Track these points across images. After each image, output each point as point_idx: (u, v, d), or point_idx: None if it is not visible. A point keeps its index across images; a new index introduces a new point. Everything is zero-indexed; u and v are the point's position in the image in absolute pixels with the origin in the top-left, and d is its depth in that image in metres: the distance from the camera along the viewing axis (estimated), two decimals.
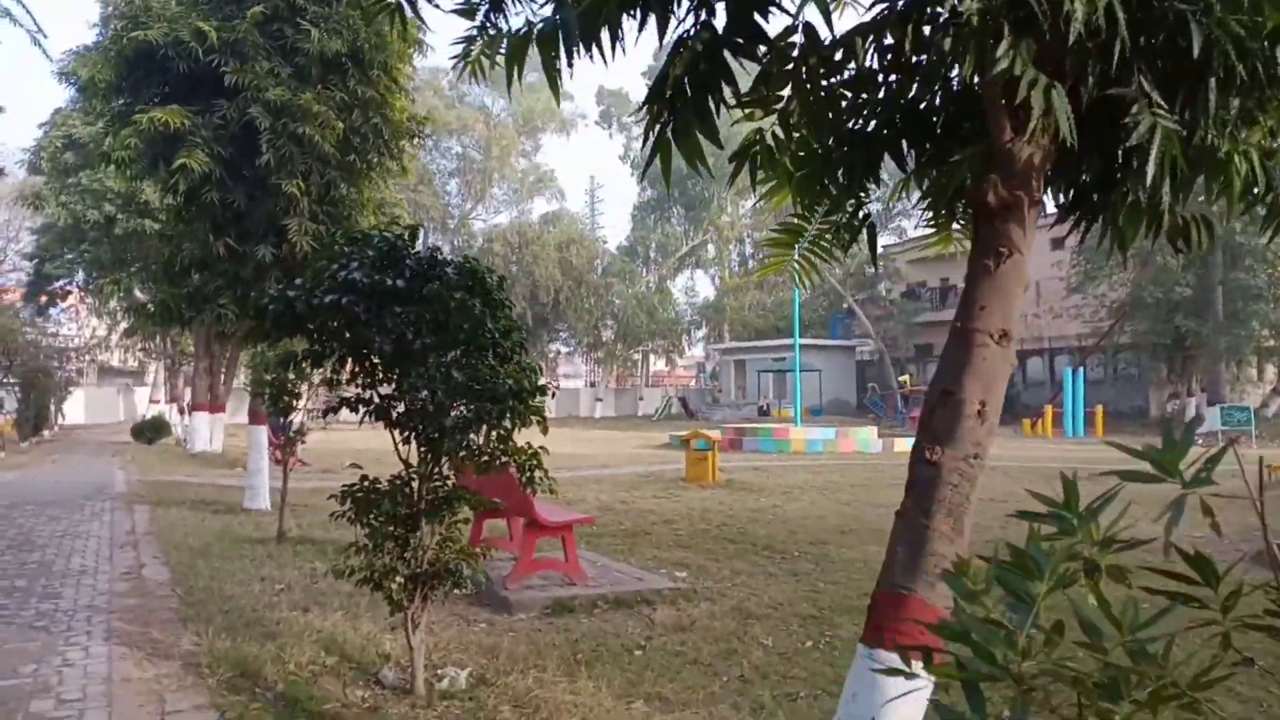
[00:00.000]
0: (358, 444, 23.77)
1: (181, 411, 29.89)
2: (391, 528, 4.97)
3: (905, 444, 27.22)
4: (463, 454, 4.72)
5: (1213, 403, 32.67)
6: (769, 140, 3.34)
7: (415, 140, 12.47)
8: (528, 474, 5.06)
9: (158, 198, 20.35)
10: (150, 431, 28.27)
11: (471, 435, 4.79)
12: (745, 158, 3.40)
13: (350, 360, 5.01)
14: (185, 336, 30.30)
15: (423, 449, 4.94)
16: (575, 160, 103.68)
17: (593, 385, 61.04)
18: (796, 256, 4.52)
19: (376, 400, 4.99)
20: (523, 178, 54.82)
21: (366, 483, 5.07)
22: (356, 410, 5.21)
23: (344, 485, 5.06)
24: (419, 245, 5.30)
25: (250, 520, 11.32)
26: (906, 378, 42.08)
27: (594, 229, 57.71)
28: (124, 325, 42.41)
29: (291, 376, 7.09)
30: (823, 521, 12.00)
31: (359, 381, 5.01)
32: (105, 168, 12.60)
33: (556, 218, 54.26)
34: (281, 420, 21.49)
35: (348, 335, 4.87)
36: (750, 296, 56.80)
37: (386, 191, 13.31)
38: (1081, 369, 33.21)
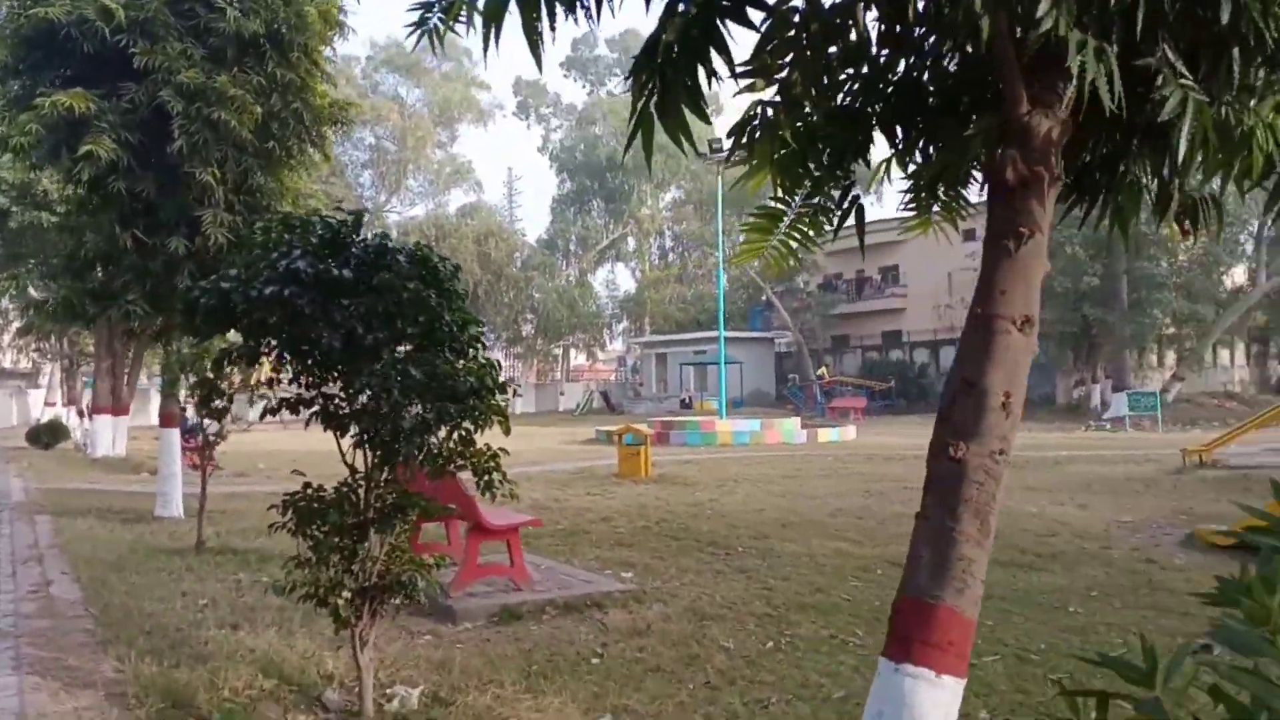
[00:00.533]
0: (271, 446, 22.86)
1: (81, 414, 28.37)
2: (338, 539, 4.60)
3: (829, 434, 27.52)
4: (420, 457, 4.37)
5: (1118, 389, 33.87)
6: (769, 113, 3.09)
7: (338, 126, 11.90)
8: (485, 477, 4.73)
9: (58, 188, 19.19)
10: (47, 436, 26.76)
11: (430, 437, 4.45)
12: (743, 132, 3.15)
13: (291, 358, 4.61)
14: (84, 336, 28.79)
15: (375, 453, 4.58)
16: (493, 152, 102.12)
17: (511, 380, 60.24)
18: (774, 242, 4.29)
19: (320, 401, 4.61)
20: (439, 169, 53.75)
21: (310, 491, 4.69)
22: (298, 412, 4.81)
23: (286, 494, 4.66)
24: (363, 233, 4.92)
25: (164, 529, 10.66)
26: (824, 369, 42.63)
27: (513, 221, 57.07)
28: (16, 325, 40.23)
29: (226, 375, 6.55)
30: (762, 515, 11.89)
31: (300, 381, 4.61)
32: (0, 155, 11.69)
33: (474, 210, 53.42)
34: (190, 422, 20.57)
35: (288, 331, 4.47)
36: (671, 290, 56.89)
37: (303, 182, 12.67)
38: None
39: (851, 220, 3.63)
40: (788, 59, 2.97)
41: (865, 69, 3.23)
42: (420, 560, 4.85)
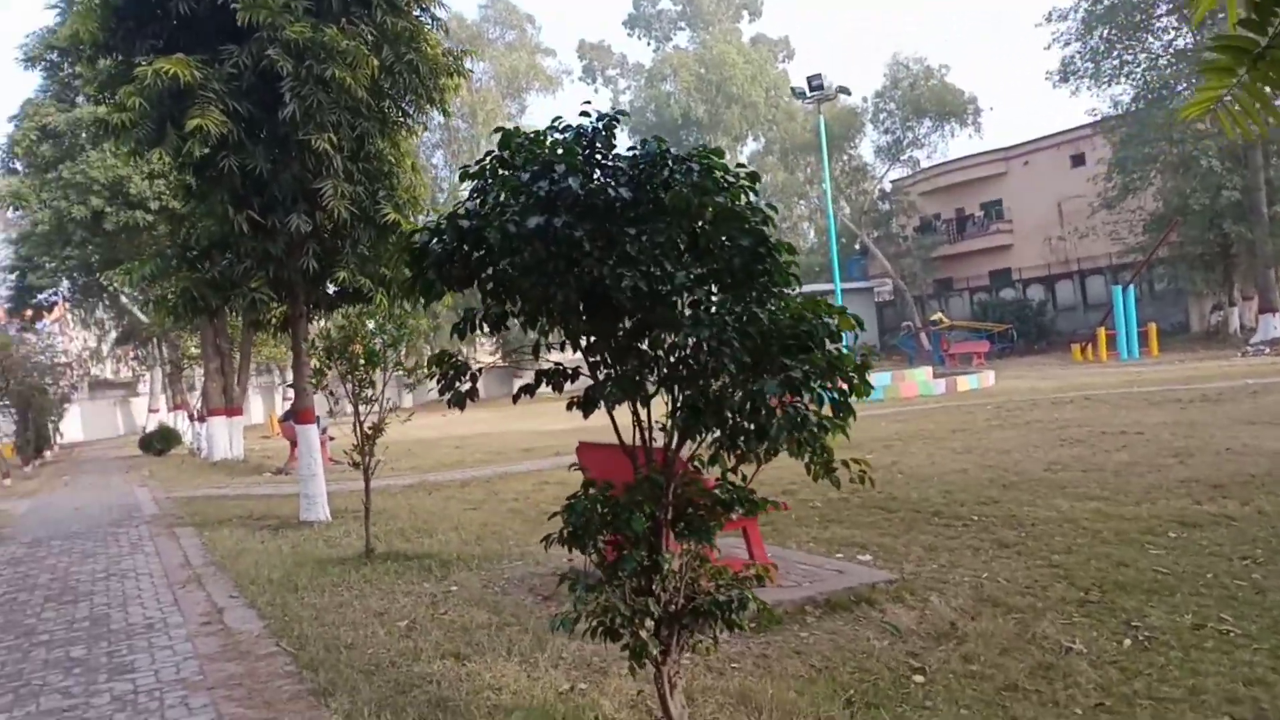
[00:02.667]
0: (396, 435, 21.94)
1: (191, 418, 28.13)
2: (642, 552, 3.41)
3: (968, 382, 25.73)
4: (778, 434, 3.13)
5: (1265, 310, 31.23)
6: None
7: (456, 78, 10.70)
8: (821, 461, 3.47)
9: (151, 184, 18.53)
10: (159, 442, 26.58)
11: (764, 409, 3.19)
12: None
13: (558, 314, 3.40)
14: (185, 339, 28.51)
15: (676, 432, 3.36)
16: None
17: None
18: (1231, 93, 2.87)
19: (608, 369, 3.39)
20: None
21: (593, 491, 3.50)
22: (561, 389, 3.61)
23: (569, 498, 3.48)
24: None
25: (317, 536, 9.73)
26: (940, 314, 40.51)
27: None
28: (114, 335, 40.52)
29: (463, 349, 5.43)
30: (966, 476, 10.48)
31: (582, 343, 3.41)
32: (98, 144, 10.80)
33: None
34: (322, 422, 19.89)
35: (559, 277, 3.24)
36: None
37: (415, 148, 11.57)
38: (1132, 287, 31.59)
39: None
40: None
41: None
42: (735, 575, 3.63)
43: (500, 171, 3.53)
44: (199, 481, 17.32)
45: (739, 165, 3.56)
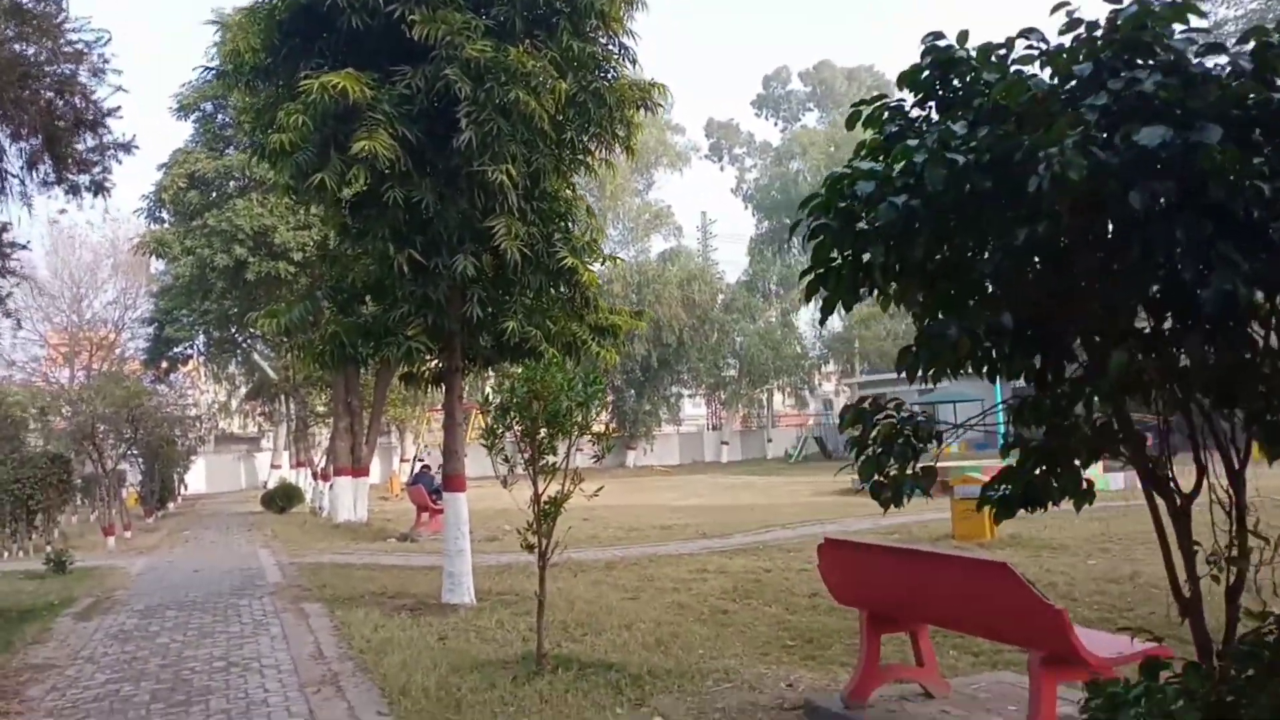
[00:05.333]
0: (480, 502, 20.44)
1: (315, 476, 27.56)
2: None
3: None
4: None
5: None
6: None
7: (644, 112, 9.52)
8: None
9: (314, 219, 17.89)
10: (281, 500, 25.97)
11: None
12: None
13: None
14: (313, 395, 28.16)
15: None
16: (682, 195, 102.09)
17: (716, 428, 57.57)
18: None
19: None
20: (637, 215, 52.09)
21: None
22: None
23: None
24: None
25: (466, 625, 8.32)
26: None
27: (707, 265, 54.67)
28: (244, 389, 40.99)
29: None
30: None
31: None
32: (246, 192, 9.95)
33: (675, 255, 51.30)
34: (436, 481, 18.79)
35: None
36: (882, 325, 52.82)
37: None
38: None
39: None
40: None
41: None
42: None
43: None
44: (323, 545, 16.27)
45: None
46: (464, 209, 8.95)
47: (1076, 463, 3.05)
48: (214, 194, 19.71)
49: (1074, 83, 1.99)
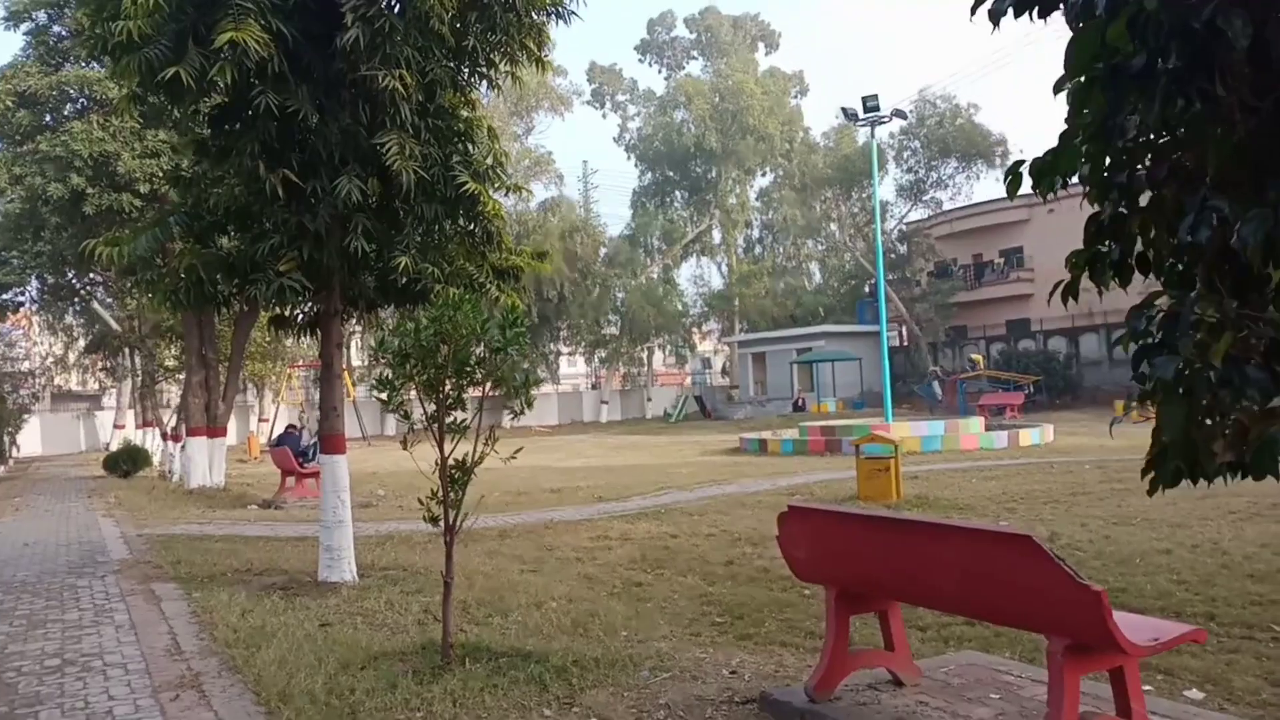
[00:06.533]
0: (395, 466, 19.02)
1: (164, 437, 25.28)
2: None
3: (1030, 437, 23.49)
4: None
5: None
6: None
7: (556, 19, 8.37)
8: None
9: (164, 146, 15.82)
10: (126, 463, 23.71)
11: None
12: None
13: None
14: (162, 348, 25.78)
15: None
16: (564, 142, 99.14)
17: (595, 387, 56.76)
18: None
19: None
20: (517, 161, 50.18)
21: None
22: None
23: None
24: None
25: (349, 607, 7.18)
26: (978, 357, 38.46)
27: (591, 216, 53.37)
28: (83, 342, 37.56)
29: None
30: (1175, 558, 8.18)
31: None
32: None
33: (556, 205, 49.70)
34: (305, 441, 17.22)
35: None
36: (763, 284, 52.98)
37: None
38: None
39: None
40: None
41: None
42: None
43: None
44: (175, 514, 14.60)
45: None
46: (347, 124, 7.66)
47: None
48: (48, 116, 17.37)
49: None
